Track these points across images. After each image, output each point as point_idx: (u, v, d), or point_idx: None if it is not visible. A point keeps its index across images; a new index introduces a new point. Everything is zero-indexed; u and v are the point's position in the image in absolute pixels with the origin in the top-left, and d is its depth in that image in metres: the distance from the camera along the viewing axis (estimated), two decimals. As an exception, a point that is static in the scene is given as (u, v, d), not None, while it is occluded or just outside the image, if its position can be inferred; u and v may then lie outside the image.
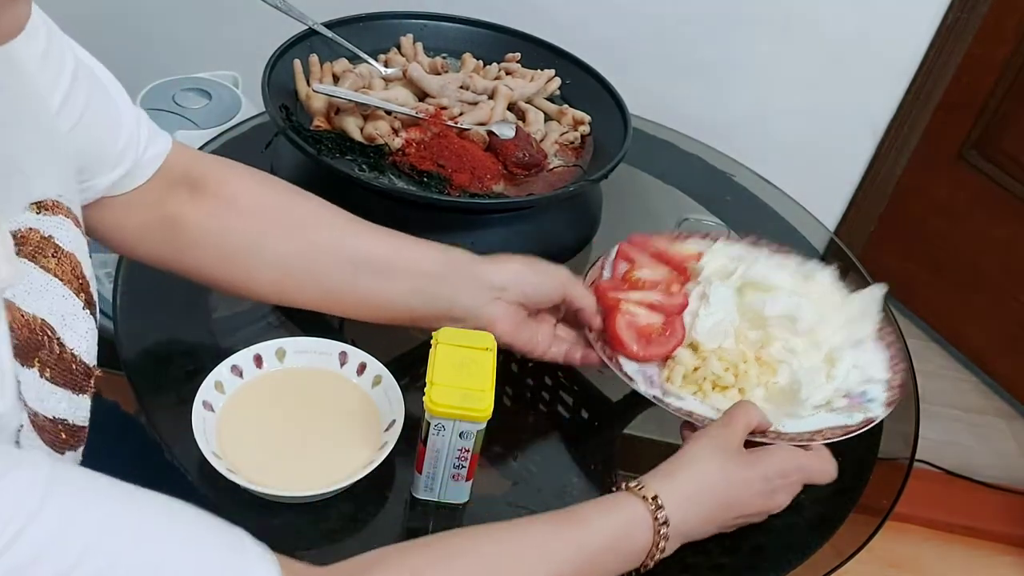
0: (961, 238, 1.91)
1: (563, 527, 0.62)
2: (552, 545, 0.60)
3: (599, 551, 0.62)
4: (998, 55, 1.70)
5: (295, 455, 0.71)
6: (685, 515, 0.65)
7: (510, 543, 0.60)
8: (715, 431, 0.71)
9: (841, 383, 0.80)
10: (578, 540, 0.61)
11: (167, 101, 1.19)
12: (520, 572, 0.59)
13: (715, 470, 0.67)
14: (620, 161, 0.91)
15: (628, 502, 0.64)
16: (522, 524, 0.62)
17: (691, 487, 0.66)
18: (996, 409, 1.93)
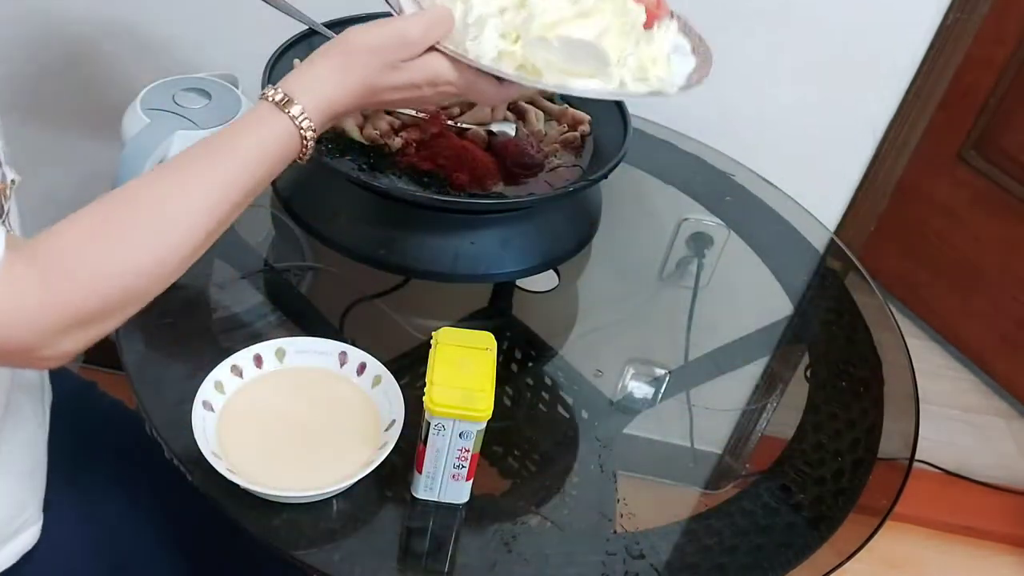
0: (961, 238, 1.91)
1: (211, 169, 0.64)
2: (208, 177, 0.63)
3: (253, 177, 0.65)
4: (998, 55, 1.70)
5: (295, 455, 0.71)
6: (325, 116, 0.68)
7: (172, 185, 0.63)
8: (380, 32, 0.69)
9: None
10: (228, 179, 0.64)
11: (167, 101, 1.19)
12: (185, 206, 0.62)
13: (360, 76, 0.68)
14: (620, 161, 0.91)
15: (272, 122, 0.66)
16: (181, 164, 0.64)
17: (327, 91, 0.67)
18: (996, 409, 1.93)
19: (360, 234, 0.89)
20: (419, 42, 0.69)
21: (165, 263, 0.61)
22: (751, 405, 0.93)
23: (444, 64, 0.70)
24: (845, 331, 1.00)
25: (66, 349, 0.58)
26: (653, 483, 0.83)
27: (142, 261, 0.59)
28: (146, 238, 0.60)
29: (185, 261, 0.62)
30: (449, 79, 0.71)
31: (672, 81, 0.78)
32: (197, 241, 0.62)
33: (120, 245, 0.59)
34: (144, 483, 0.87)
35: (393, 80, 0.69)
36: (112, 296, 0.59)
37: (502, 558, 0.71)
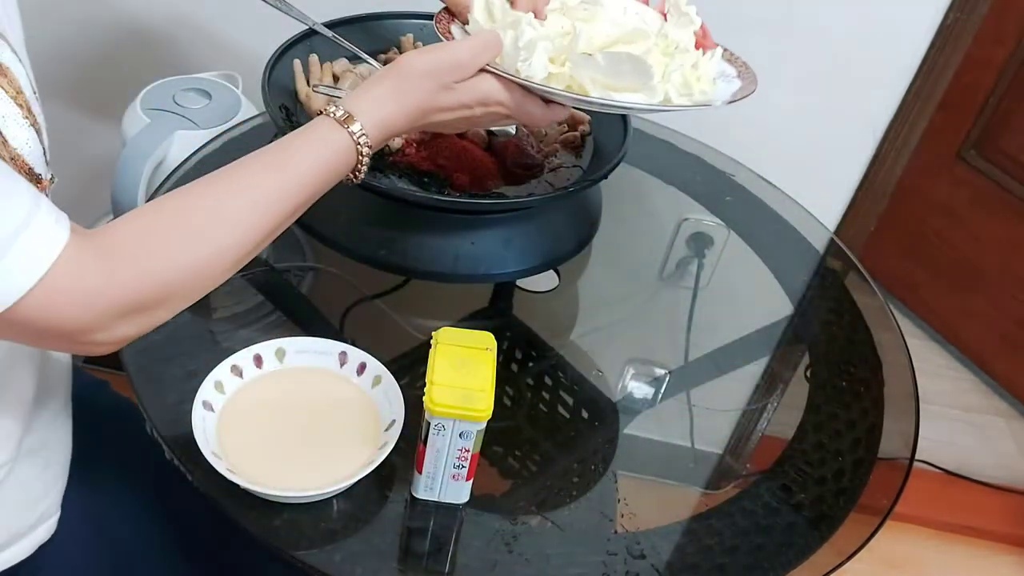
0: (960, 238, 1.91)
1: (271, 175, 0.66)
2: (265, 186, 0.65)
3: (311, 188, 0.67)
4: (997, 55, 1.70)
5: (295, 455, 0.71)
6: (381, 135, 0.71)
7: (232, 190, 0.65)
8: (434, 56, 0.72)
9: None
10: (287, 187, 0.66)
11: (167, 101, 1.19)
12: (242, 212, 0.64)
13: (415, 98, 0.71)
14: (620, 161, 0.91)
15: (333, 136, 0.68)
16: (242, 170, 0.66)
17: (384, 111, 0.70)
18: (996, 409, 1.93)
19: (360, 234, 0.89)
20: (470, 64, 0.72)
21: (218, 262, 0.63)
22: (751, 405, 0.93)
23: (495, 84, 0.73)
24: (845, 331, 1.00)
25: (121, 334, 0.60)
26: (654, 483, 0.83)
27: (197, 257, 0.62)
28: (202, 237, 0.62)
29: (237, 263, 0.65)
30: (500, 99, 0.74)
31: (717, 95, 0.80)
32: (250, 245, 0.64)
33: (178, 241, 0.61)
34: (150, 482, 0.87)
35: (446, 101, 0.72)
36: (167, 286, 0.61)
37: (502, 558, 0.71)
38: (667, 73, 0.78)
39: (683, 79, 0.79)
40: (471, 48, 0.73)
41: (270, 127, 0.94)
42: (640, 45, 0.78)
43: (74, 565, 0.80)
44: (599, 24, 0.79)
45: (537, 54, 0.74)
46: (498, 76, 0.73)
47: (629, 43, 0.78)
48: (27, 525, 0.75)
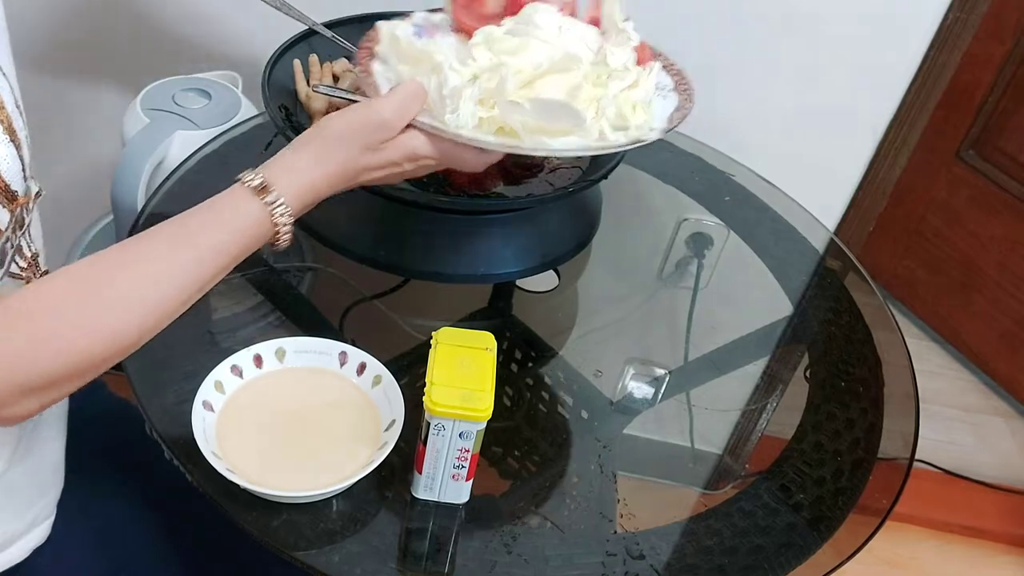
0: (960, 237, 1.91)
1: (179, 249, 0.63)
2: (169, 262, 0.63)
3: (222, 260, 0.65)
4: (997, 54, 1.71)
5: (295, 455, 0.71)
6: (303, 202, 0.68)
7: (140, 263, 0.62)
8: (356, 117, 0.70)
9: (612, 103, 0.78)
10: (195, 260, 0.64)
11: (167, 101, 1.19)
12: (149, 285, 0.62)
13: (339, 162, 0.69)
14: (620, 161, 0.91)
15: (246, 206, 0.65)
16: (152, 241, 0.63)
17: (306, 179, 0.68)
18: (995, 408, 1.93)
19: (360, 234, 0.89)
20: (394, 123, 0.70)
21: (124, 336, 0.61)
22: (751, 405, 0.93)
23: (421, 140, 0.72)
24: (845, 331, 1.00)
25: (23, 410, 0.59)
26: (653, 483, 0.83)
27: (101, 333, 0.60)
28: (108, 313, 0.60)
29: (146, 335, 0.63)
30: (428, 153, 0.72)
31: (651, 125, 0.79)
32: (159, 317, 0.62)
33: (81, 316, 0.59)
34: (147, 483, 0.87)
35: (372, 161, 0.70)
36: (67, 367, 0.59)
37: (502, 559, 0.71)
38: (600, 108, 0.77)
39: (617, 111, 0.78)
40: (395, 106, 0.70)
41: (270, 127, 0.95)
42: (573, 75, 0.77)
43: (72, 568, 0.80)
44: (527, 54, 0.78)
45: (464, 102, 0.73)
46: (425, 132, 0.72)
47: (562, 71, 0.77)
48: (20, 529, 0.75)
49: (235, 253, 0.65)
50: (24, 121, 0.66)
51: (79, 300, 0.59)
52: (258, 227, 0.66)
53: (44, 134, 1.44)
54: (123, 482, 0.87)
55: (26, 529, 0.75)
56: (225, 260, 0.65)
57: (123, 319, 0.61)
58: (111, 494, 0.86)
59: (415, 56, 0.80)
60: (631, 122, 0.78)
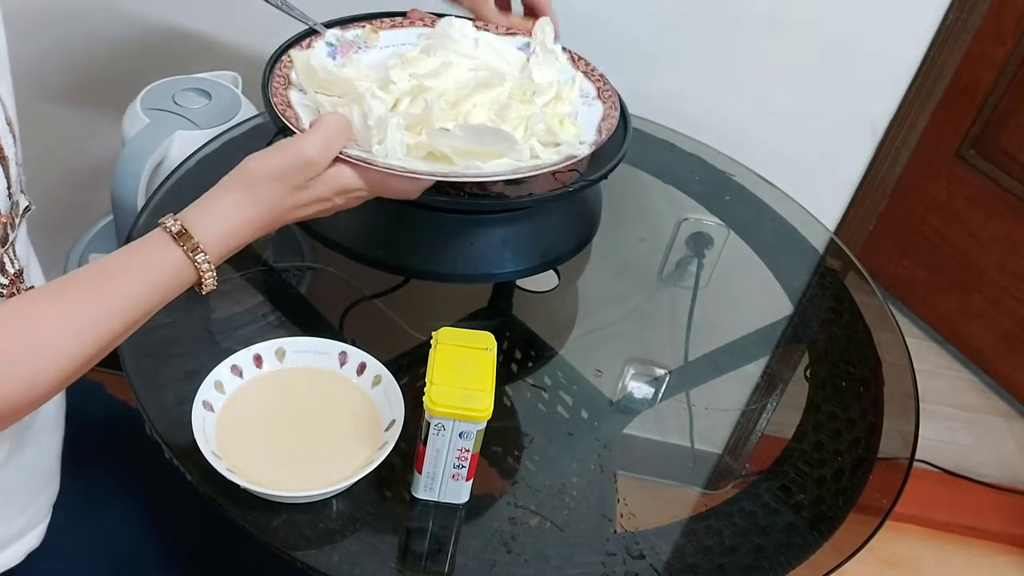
0: (960, 237, 1.91)
1: (95, 301, 0.62)
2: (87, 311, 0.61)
3: (140, 309, 0.64)
4: (997, 54, 1.70)
5: (295, 455, 0.71)
6: (227, 247, 0.67)
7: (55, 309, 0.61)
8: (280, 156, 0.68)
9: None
10: (112, 310, 0.62)
11: (167, 101, 1.19)
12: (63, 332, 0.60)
13: (264, 204, 0.67)
14: (620, 161, 0.91)
15: (164, 254, 0.64)
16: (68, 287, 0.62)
17: (229, 224, 0.66)
18: (995, 408, 1.93)
19: (360, 234, 0.89)
20: (320, 160, 0.68)
21: (35, 384, 0.59)
22: (751, 405, 0.93)
23: (349, 173, 0.70)
24: (845, 331, 1.00)
25: None
26: (653, 483, 0.83)
27: (16, 385, 0.58)
28: (25, 364, 0.58)
29: (61, 382, 0.61)
30: (358, 187, 0.71)
31: (581, 139, 0.80)
32: (73, 365, 0.61)
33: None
34: (146, 483, 0.87)
35: (300, 199, 0.69)
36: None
37: (502, 558, 0.71)
38: (529, 127, 0.78)
39: (546, 127, 0.79)
40: (320, 143, 0.68)
41: (270, 127, 0.95)
42: (498, 91, 0.77)
43: (71, 568, 0.80)
44: (450, 74, 0.78)
45: (391, 131, 0.72)
46: (353, 164, 0.70)
47: (487, 87, 0.77)
48: (14, 533, 0.74)
49: (156, 299, 0.64)
50: (16, 138, 0.65)
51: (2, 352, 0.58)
52: (177, 274, 0.65)
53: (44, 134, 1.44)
54: (123, 482, 0.87)
55: (20, 533, 0.75)
56: (148, 305, 0.64)
57: (47, 369, 0.59)
58: (111, 494, 0.86)
59: (335, 84, 0.79)
60: (561, 137, 0.79)
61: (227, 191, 0.67)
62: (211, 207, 0.66)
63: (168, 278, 0.64)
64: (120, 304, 0.62)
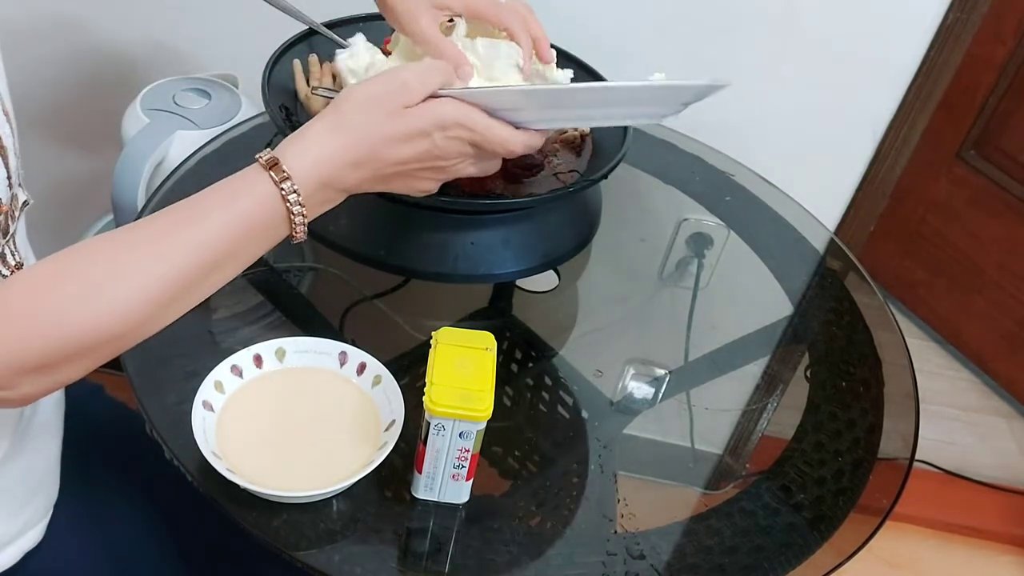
0: (960, 238, 1.91)
1: (180, 227, 0.59)
2: (171, 240, 0.58)
3: (227, 243, 0.60)
4: (997, 55, 1.70)
5: (295, 455, 0.71)
6: (319, 175, 0.62)
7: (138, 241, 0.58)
8: (374, 82, 0.64)
9: None
10: (197, 239, 0.59)
11: (167, 101, 1.19)
12: (145, 265, 0.57)
13: (357, 129, 0.62)
14: (620, 161, 0.91)
15: (253, 183, 0.60)
16: (155, 218, 0.59)
17: (319, 151, 0.62)
18: (995, 408, 1.93)
19: (360, 235, 0.89)
20: (416, 85, 0.64)
21: (119, 321, 0.57)
22: (751, 405, 0.93)
23: (451, 104, 0.65)
24: (845, 331, 1.00)
25: (26, 392, 0.57)
26: (653, 483, 0.83)
27: (93, 316, 0.56)
28: (98, 296, 0.57)
29: (145, 323, 0.58)
30: (461, 120, 0.65)
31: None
32: (156, 302, 0.58)
33: (72, 299, 0.56)
34: (145, 484, 0.87)
35: (396, 129, 0.63)
36: (67, 345, 0.56)
37: (502, 559, 0.71)
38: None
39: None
40: (417, 70, 0.64)
41: (270, 127, 0.95)
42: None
43: (71, 569, 0.80)
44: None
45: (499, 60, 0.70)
46: (454, 98, 0.65)
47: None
48: (12, 532, 0.74)
49: (245, 235, 0.60)
50: (13, 129, 0.64)
51: (83, 279, 0.57)
52: (271, 207, 0.60)
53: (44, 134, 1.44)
54: (123, 483, 0.87)
55: (18, 532, 0.75)
56: (233, 243, 0.60)
57: (126, 300, 0.57)
58: (111, 495, 0.86)
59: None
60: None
61: (320, 118, 0.63)
62: (303, 134, 0.62)
63: (254, 212, 0.60)
64: (201, 236, 0.58)
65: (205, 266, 0.59)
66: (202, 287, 0.60)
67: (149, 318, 0.59)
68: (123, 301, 0.57)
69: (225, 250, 0.60)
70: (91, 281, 0.57)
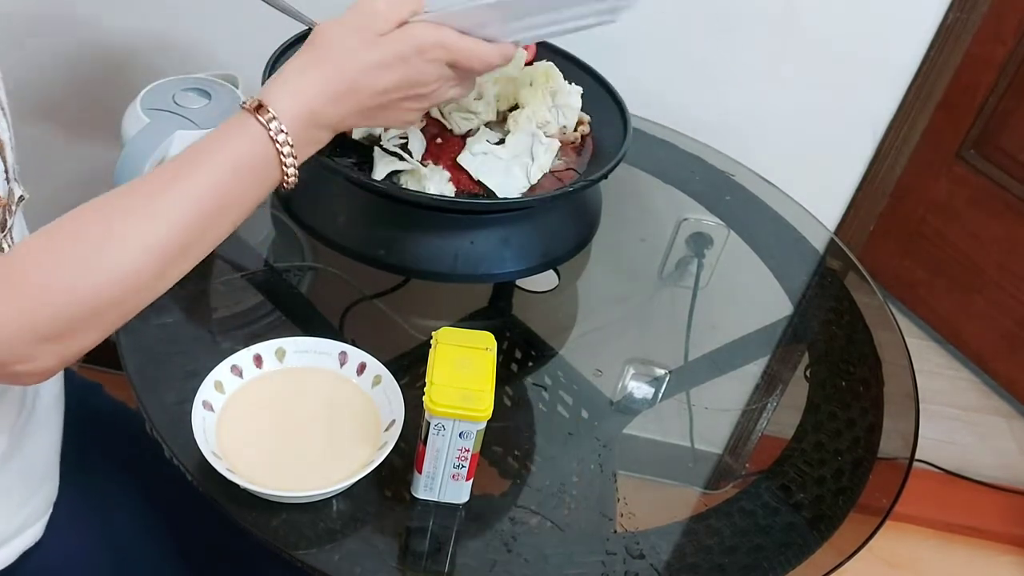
0: (960, 237, 1.92)
1: (172, 183, 0.59)
2: (168, 196, 0.58)
3: (221, 191, 0.60)
4: (997, 54, 1.71)
5: (295, 455, 0.71)
6: (305, 114, 0.62)
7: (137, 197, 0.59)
8: (346, 15, 0.65)
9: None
10: (191, 192, 0.59)
11: (167, 101, 1.19)
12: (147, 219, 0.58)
13: (335, 60, 0.63)
14: (620, 161, 0.91)
15: (241, 127, 0.61)
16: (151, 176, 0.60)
17: (299, 86, 0.62)
18: (995, 408, 1.93)
19: (360, 234, 0.89)
20: (388, 11, 0.64)
21: (131, 277, 0.57)
22: (751, 405, 0.93)
23: (423, 27, 0.65)
24: (845, 331, 1.00)
25: (44, 365, 0.57)
26: (653, 483, 0.83)
27: (106, 275, 0.57)
28: (104, 253, 0.57)
29: (159, 277, 0.59)
30: (436, 40, 0.64)
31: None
32: (158, 262, 0.58)
33: (78, 259, 0.56)
34: (145, 484, 0.87)
35: (374, 56, 0.63)
36: (76, 311, 0.56)
37: (502, 558, 0.71)
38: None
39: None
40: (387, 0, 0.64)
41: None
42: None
43: (71, 568, 0.80)
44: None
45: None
46: (428, 21, 0.65)
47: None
48: (10, 531, 0.74)
49: (241, 181, 0.60)
50: (8, 124, 0.64)
51: (82, 242, 0.56)
52: (262, 149, 0.61)
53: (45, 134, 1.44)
54: (123, 482, 0.87)
55: (18, 530, 0.75)
56: (230, 189, 0.60)
57: (127, 259, 0.57)
58: (111, 494, 0.86)
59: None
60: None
61: (297, 57, 0.64)
62: (282, 75, 0.62)
63: (245, 152, 0.60)
64: (199, 186, 0.59)
65: (202, 218, 0.59)
66: (201, 243, 0.61)
67: (152, 279, 0.59)
68: (126, 263, 0.57)
69: (219, 199, 0.60)
70: (91, 245, 0.56)
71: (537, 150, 0.89)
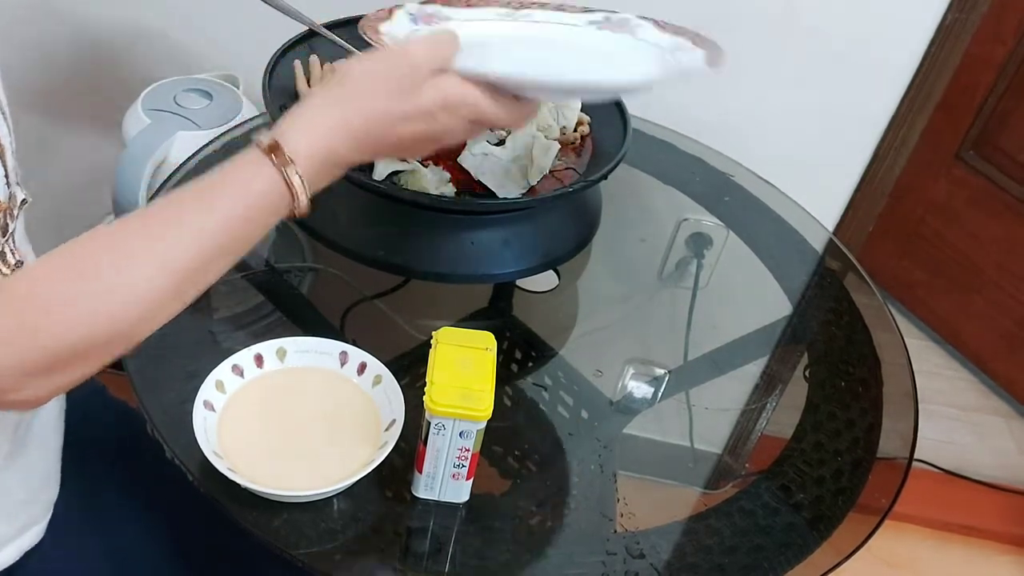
0: (959, 238, 1.92)
1: (180, 220, 0.58)
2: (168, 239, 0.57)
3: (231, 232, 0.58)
4: (997, 55, 1.71)
5: (295, 455, 0.71)
6: (322, 153, 0.60)
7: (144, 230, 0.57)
8: (379, 58, 0.62)
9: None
10: (200, 232, 0.57)
11: (168, 102, 1.19)
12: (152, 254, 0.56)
13: (359, 107, 0.60)
14: (620, 161, 0.91)
15: (256, 169, 0.58)
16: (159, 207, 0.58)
17: (329, 135, 0.60)
18: (994, 408, 1.93)
19: (360, 234, 0.89)
20: (425, 64, 0.61)
21: (123, 320, 0.56)
22: (751, 405, 0.93)
23: (456, 82, 0.62)
24: (844, 331, 1.01)
25: (32, 394, 0.56)
26: (653, 483, 0.84)
27: (98, 315, 0.55)
28: (104, 289, 0.55)
29: (152, 318, 0.57)
30: (467, 99, 0.62)
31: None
32: (164, 292, 0.57)
33: (78, 294, 0.55)
34: (146, 484, 0.87)
35: (401, 109, 0.61)
36: (71, 344, 0.55)
37: (502, 558, 0.71)
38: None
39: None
40: (426, 46, 0.62)
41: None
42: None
43: (71, 568, 0.80)
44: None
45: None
46: (460, 76, 0.63)
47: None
48: (11, 532, 0.74)
49: (250, 222, 0.59)
50: (9, 127, 0.64)
51: (74, 279, 0.55)
52: (275, 191, 0.58)
53: (46, 134, 1.44)
54: (124, 482, 0.87)
55: (18, 531, 0.75)
56: (239, 231, 0.58)
57: (121, 301, 0.56)
58: (112, 494, 0.86)
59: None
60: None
61: (322, 95, 0.61)
62: (303, 114, 0.60)
63: (259, 195, 0.58)
64: (210, 225, 0.57)
65: (208, 257, 0.58)
66: (205, 278, 0.59)
67: (155, 312, 0.57)
68: (128, 297, 0.56)
69: (228, 240, 0.58)
70: (96, 277, 0.56)
71: (537, 151, 0.89)
